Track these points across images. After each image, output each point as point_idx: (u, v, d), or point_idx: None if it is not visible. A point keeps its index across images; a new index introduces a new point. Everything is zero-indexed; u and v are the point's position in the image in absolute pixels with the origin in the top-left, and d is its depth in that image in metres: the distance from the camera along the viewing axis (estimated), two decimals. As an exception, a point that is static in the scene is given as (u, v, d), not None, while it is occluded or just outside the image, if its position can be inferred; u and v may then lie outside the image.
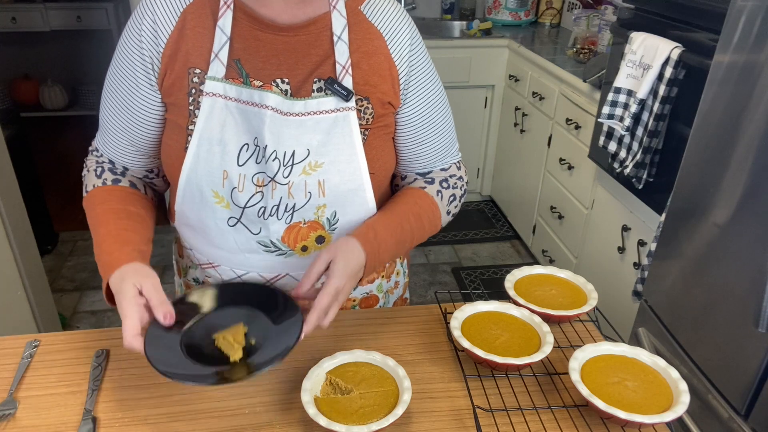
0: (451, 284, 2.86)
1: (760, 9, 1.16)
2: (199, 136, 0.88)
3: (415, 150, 1.01)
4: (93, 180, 0.99)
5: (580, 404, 0.85)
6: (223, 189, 0.89)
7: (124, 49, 0.91)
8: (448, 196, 1.03)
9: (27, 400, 0.85)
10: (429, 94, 0.98)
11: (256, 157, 0.89)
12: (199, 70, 0.88)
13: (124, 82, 0.92)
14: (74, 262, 2.98)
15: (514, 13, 3.45)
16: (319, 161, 0.90)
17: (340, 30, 0.90)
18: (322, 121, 0.89)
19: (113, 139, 0.98)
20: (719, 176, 1.28)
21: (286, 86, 0.89)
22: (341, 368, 0.86)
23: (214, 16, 0.88)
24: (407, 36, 0.94)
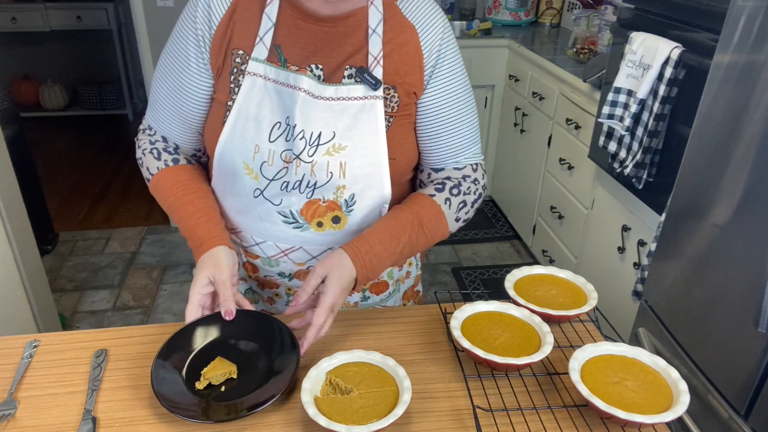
0: (451, 284, 2.86)
1: (760, 9, 1.16)
2: (237, 111, 0.94)
3: (430, 142, 1.03)
4: (154, 162, 1.05)
5: (580, 404, 0.85)
6: (254, 162, 0.95)
7: (180, 28, 0.98)
8: (458, 203, 1.03)
9: (27, 400, 0.85)
10: (452, 88, 1.01)
11: (286, 135, 0.94)
12: (242, 51, 0.95)
13: (178, 60, 0.99)
14: (74, 262, 2.98)
15: (514, 13, 3.45)
16: (342, 144, 0.94)
17: (376, 24, 0.95)
18: (350, 107, 0.94)
19: (165, 115, 1.04)
20: (719, 176, 1.28)
21: (319, 72, 0.95)
22: (341, 368, 0.86)
23: (262, 4, 0.95)
24: (440, 30, 0.98)
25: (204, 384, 0.85)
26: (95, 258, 3.01)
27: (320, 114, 0.93)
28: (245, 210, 1.02)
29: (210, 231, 0.99)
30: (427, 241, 1.01)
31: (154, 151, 1.06)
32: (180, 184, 1.03)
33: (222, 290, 0.92)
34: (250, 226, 1.04)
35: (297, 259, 1.04)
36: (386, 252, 0.95)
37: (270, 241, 1.03)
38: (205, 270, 0.93)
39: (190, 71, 0.98)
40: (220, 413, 0.81)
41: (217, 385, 0.86)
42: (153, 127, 1.08)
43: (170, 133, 1.06)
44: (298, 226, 1.00)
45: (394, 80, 0.96)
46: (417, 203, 1.01)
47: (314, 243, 1.02)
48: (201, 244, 0.97)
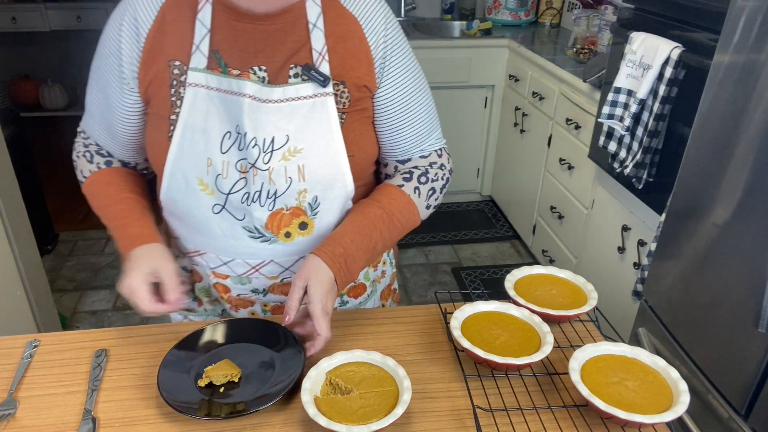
0: (451, 284, 2.86)
1: (760, 9, 1.16)
2: (183, 125, 0.91)
3: (393, 136, 1.02)
4: (87, 165, 1.05)
5: (580, 404, 0.85)
6: (208, 176, 0.92)
7: (105, 44, 0.95)
8: (427, 191, 1.03)
9: (27, 400, 0.85)
10: (405, 79, 0.99)
11: (238, 145, 0.91)
12: (179, 62, 0.91)
13: (103, 74, 0.96)
14: (74, 262, 2.98)
15: (514, 13, 3.45)
16: (297, 147, 0.92)
17: (315, 17, 0.92)
18: (300, 107, 0.91)
19: (96, 126, 1.03)
20: (719, 176, 1.28)
21: (263, 73, 0.91)
22: (341, 368, 0.86)
23: (192, 10, 0.91)
24: (382, 20, 0.95)
25: (205, 381, 0.86)
26: (95, 258, 3.01)
27: (270, 118, 0.90)
28: (206, 229, 0.98)
29: (146, 229, 0.97)
30: (399, 233, 1.01)
31: (87, 154, 1.05)
32: (112, 185, 1.02)
33: (170, 280, 0.91)
34: (214, 246, 1.00)
35: (269, 273, 1.02)
36: (360, 251, 0.95)
37: (238, 258, 1.00)
38: (148, 260, 0.92)
39: (113, 88, 0.96)
40: (220, 412, 0.81)
41: (218, 385, 0.86)
42: (87, 133, 1.07)
43: (102, 143, 1.05)
44: (265, 239, 0.97)
45: (342, 75, 0.93)
46: (385, 195, 1.00)
47: (285, 254, 0.99)
48: (135, 238, 0.95)
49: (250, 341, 0.94)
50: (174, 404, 0.81)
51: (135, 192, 1.03)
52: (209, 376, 0.86)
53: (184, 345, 0.92)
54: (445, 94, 3.24)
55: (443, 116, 3.80)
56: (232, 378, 0.87)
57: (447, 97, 3.25)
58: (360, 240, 0.95)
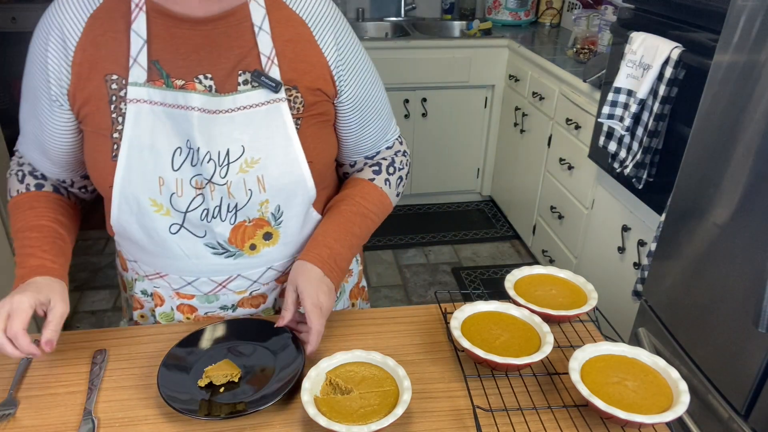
0: (451, 284, 2.86)
1: (760, 9, 1.16)
2: (129, 144, 0.85)
3: (360, 134, 1.02)
4: (16, 185, 0.99)
5: (580, 404, 0.85)
6: (161, 196, 0.87)
7: (32, 61, 0.89)
8: (396, 180, 1.06)
9: (27, 400, 0.85)
10: (364, 78, 0.98)
11: (191, 160, 0.87)
12: (116, 76, 0.85)
13: (32, 93, 0.91)
14: (74, 262, 2.95)
15: (514, 13, 3.45)
16: (255, 157, 0.88)
17: (260, 20, 0.88)
18: (253, 116, 0.87)
19: (29, 146, 0.98)
20: (719, 176, 1.28)
21: (209, 82, 0.86)
22: (341, 368, 0.86)
23: (126, 20, 0.85)
24: (330, 21, 0.92)
25: (205, 381, 0.86)
26: (95, 258, 3.01)
27: (222, 129, 0.86)
28: (165, 251, 0.93)
29: (51, 262, 0.90)
30: (375, 224, 1.04)
31: (19, 173, 1.00)
32: (34, 209, 0.95)
33: (56, 320, 0.83)
34: (176, 267, 0.96)
35: (237, 288, 0.99)
36: (344, 248, 0.97)
37: (203, 277, 0.96)
38: (47, 290, 0.85)
39: (43, 109, 0.90)
40: (220, 412, 0.81)
41: (218, 385, 0.86)
42: (21, 152, 1.01)
43: (36, 164, 0.99)
44: (230, 254, 0.94)
45: (293, 79, 0.90)
46: (359, 191, 1.02)
47: (251, 267, 0.97)
48: (38, 269, 0.88)
49: (250, 341, 0.94)
50: (174, 404, 0.81)
51: (57, 221, 0.96)
52: (209, 376, 0.86)
53: (184, 344, 0.92)
54: (445, 94, 3.24)
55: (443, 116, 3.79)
56: (232, 378, 0.87)
57: (447, 97, 3.25)
58: (343, 237, 0.97)
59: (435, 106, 3.24)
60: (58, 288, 0.87)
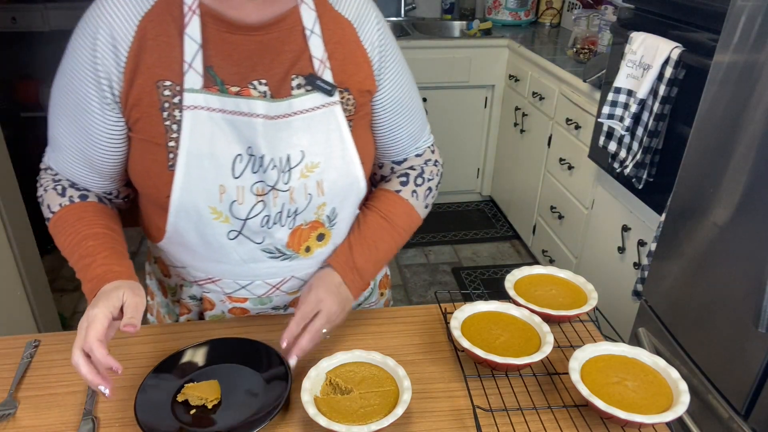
0: (451, 284, 2.86)
1: (760, 9, 1.16)
2: (187, 152, 0.83)
3: (390, 136, 1.01)
4: (57, 200, 0.92)
5: (580, 404, 0.85)
6: (222, 204, 0.86)
7: (75, 66, 0.84)
8: (424, 192, 1.04)
9: (27, 400, 0.85)
10: (401, 79, 0.98)
11: (252, 167, 0.85)
12: (169, 82, 0.82)
13: (76, 102, 0.85)
14: (74, 262, 2.97)
15: (514, 13, 3.45)
16: (314, 161, 0.88)
17: (312, 23, 0.87)
18: (310, 120, 0.87)
19: (69, 160, 0.91)
20: (719, 176, 1.28)
21: (264, 87, 0.85)
22: (341, 368, 0.86)
23: (177, 24, 0.82)
24: (374, 21, 0.93)
25: (182, 398, 0.83)
26: (95, 258, 3.01)
27: (281, 135, 0.85)
28: (221, 257, 0.92)
29: (120, 266, 0.86)
30: (403, 238, 1.02)
31: (57, 188, 0.93)
32: (84, 220, 0.90)
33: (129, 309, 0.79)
34: (231, 272, 0.95)
35: (290, 290, 0.99)
36: (369, 263, 0.97)
37: (258, 280, 0.96)
38: (112, 295, 0.80)
39: (93, 116, 0.84)
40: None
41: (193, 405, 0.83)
42: (56, 170, 0.94)
43: (77, 179, 0.92)
44: (286, 257, 0.94)
45: (344, 81, 0.90)
46: (384, 203, 1.01)
47: (305, 268, 0.97)
48: (108, 275, 0.84)
49: (234, 362, 0.90)
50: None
51: (109, 228, 0.91)
52: (186, 395, 0.83)
53: (163, 367, 0.89)
54: (445, 94, 3.24)
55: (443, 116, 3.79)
56: (206, 403, 0.83)
57: (447, 97, 3.25)
58: (368, 252, 0.97)
59: (435, 106, 3.24)
60: (127, 285, 0.83)
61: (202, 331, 0.99)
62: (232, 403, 0.84)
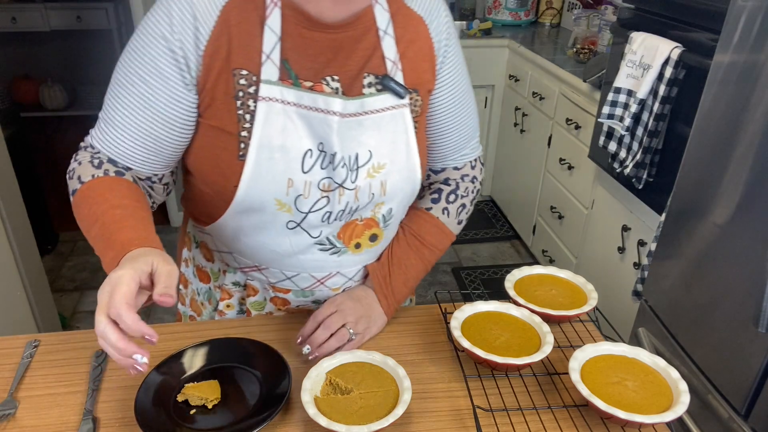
0: (451, 284, 2.86)
1: (760, 9, 1.16)
2: (258, 143, 0.81)
3: (435, 140, 0.99)
4: (90, 170, 0.85)
5: (580, 404, 0.85)
6: (287, 197, 0.85)
7: (151, 42, 0.80)
8: (456, 208, 1.03)
9: (27, 400, 0.85)
10: (458, 79, 0.95)
11: (321, 163, 0.84)
12: (245, 71, 0.81)
13: (148, 77, 0.81)
14: (74, 262, 2.98)
15: (514, 13, 3.45)
16: (381, 162, 0.87)
17: (386, 24, 0.87)
18: (380, 120, 0.86)
19: (127, 138, 0.84)
20: (719, 176, 1.28)
21: (336, 84, 0.84)
22: (341, 368, 0.86)
23: (259, 13, 0.81)
24: (445, 17, 0.92)
25: (183, 398, 0.83)
26: (95, 258, 3.00)
27: (352, 133, 0.84)
28: (275, 244, 0.91)
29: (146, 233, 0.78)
30: (435, 255, 1.03)
31: (95, 161, 0.86)
32: (115, 192, 0.82)
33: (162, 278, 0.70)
34: (280, 262, 0.94)
35: (333, 285, 0.99)
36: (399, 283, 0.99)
37: (304, 272, 0.96)
38: (148, 257, 0.71)
39: (167, 94, 0.81)
40: None
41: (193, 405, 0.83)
42: (100, 149, 0.87)
43: (130, 158, 0.86)
44: (335, 251, 0.93)
45: (414, 82, 0.89)
46: (415, 222, 1.01)
47: (351, 264, 0.97)
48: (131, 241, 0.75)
49: (234, 362, 0.90)
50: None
51: (141, 205, 0.84)
52: (186, 395, 0.83)
53: (163, 367, 0.88)
54: (445, 94, 3.23)
55: (443, 116, 3.68)
56: (206, 403, 0.83)
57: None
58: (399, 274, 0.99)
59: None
60: (156, 252, 0.73)
61: (202, 332, 0.99)
62: (232, 403, 0.84)
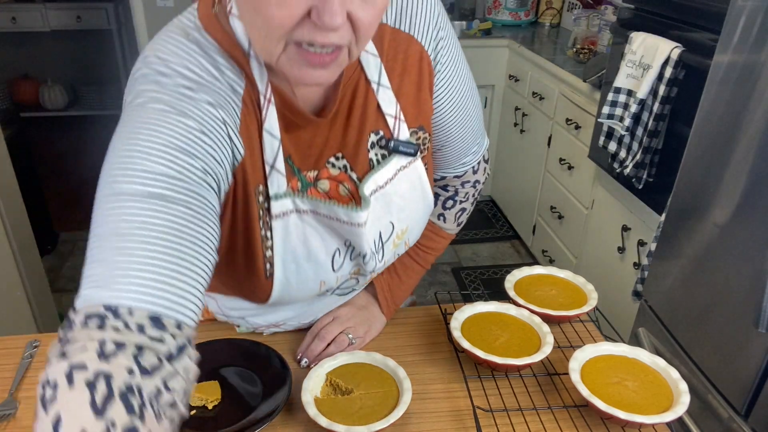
0: (451, 284, 2.86)
1: (759, 9, 1.16)
2: (282, 261, 0.75)
3: (434, 152, 0.91)
4: (78, 400, 0.48)
5: (580, 404, 0.85)
6: (320, 291, 0.83)
7: (181, 156, 0.61)
8: (455, 213, 1.01)
9: (27, 400, 0.85)
10: (455, 84, 0.83)
11: (350, 256, 0.81)
12: (262, 186, 0.72)
13: (181, 198, 0.59)
14: (74, 262, 2.98)
15: (514, 13, 3.45)
16: (403, 228, 0.83)
17: (377, 74, 0.75)
18: (393, 188, 0.79)
19: (141, 276, 0.55)
20: (719, 176, 1.28)
21: (342, 162, 0.76)
22: (341, 369, 0.86)
23: (257, 117, 0.69)
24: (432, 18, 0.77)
25: None
26: (95, 258, 3.01)
27: (370, 216, 0.77)
28: (298, 310, 0.92)
29: None
30: (432, 256, 1.02)
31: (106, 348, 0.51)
32: None
33: None
34: (296, 317, 0.94)
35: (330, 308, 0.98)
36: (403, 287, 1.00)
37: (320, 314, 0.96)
38: None
39: (204, 215, 0.61)
40: None
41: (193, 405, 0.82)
42: (118, 307, 0.53)
43: (149, 303, 0.54)
44: (351, 291, 0.93)
45: (418, 120, 0.79)
46: None
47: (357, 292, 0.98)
48: None
49: (234, 363, 0.90)
50: None
51: None
52: None
53: None
54: (445, 94, 3.23)
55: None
56: (206, 403, 0.83)
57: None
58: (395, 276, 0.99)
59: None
60: None
61: (203, 332, 0.99)
62: (232, 403, 0.84)
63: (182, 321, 0.56)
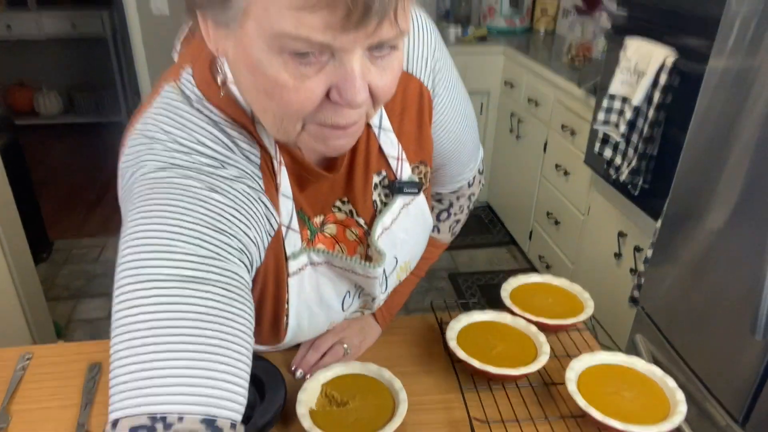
0: (448, 290, 2.85)
1: (753, 15, 1.17)
2: (296, 311, 0.75)
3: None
4: None
5: (577, 415, 0.85)
6: (328, 328, 0.87)
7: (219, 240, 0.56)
8: (449, 225, 1.02)
9: (19, 414, 0.85)
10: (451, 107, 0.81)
11: (359, 295, 0.82)
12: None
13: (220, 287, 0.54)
14: (69, 270, 2.96)
15: (509, 20, 3.46)
16: (406, 260, 0.85)
17: (378, 118, 0.73)
18: (398, 227, 0.80)
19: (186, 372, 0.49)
20: (715, 182, 1.28)
21: (348, 206, 0.76)
22: (337, 380, 0.85)
23: (273, 180, 0.67)
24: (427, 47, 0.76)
25: None
26: (90, 266, 3.00)
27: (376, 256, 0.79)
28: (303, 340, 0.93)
29: None
30: (429, 264, 1.02)
31: None
32: None
33: None
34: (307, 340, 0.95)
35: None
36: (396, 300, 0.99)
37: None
38: None
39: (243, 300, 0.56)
40: None
41: None
42: (166, 416, 0.47)
43: (206, 407, 0.49)
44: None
45: (419, 155, 0.78)
46: None
47: None
48: None
49: None
50: None
51: None
52: None
53: None
54: (441, 100, 3.24)
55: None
56: None
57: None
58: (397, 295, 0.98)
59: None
60: None
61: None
62: None
63: (235, 420, 0.50)
